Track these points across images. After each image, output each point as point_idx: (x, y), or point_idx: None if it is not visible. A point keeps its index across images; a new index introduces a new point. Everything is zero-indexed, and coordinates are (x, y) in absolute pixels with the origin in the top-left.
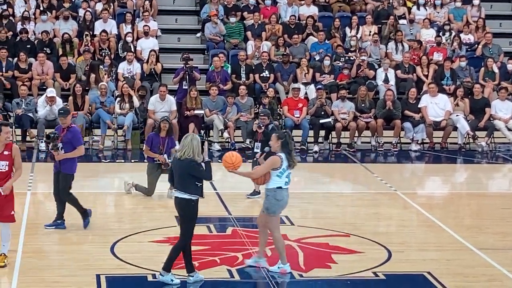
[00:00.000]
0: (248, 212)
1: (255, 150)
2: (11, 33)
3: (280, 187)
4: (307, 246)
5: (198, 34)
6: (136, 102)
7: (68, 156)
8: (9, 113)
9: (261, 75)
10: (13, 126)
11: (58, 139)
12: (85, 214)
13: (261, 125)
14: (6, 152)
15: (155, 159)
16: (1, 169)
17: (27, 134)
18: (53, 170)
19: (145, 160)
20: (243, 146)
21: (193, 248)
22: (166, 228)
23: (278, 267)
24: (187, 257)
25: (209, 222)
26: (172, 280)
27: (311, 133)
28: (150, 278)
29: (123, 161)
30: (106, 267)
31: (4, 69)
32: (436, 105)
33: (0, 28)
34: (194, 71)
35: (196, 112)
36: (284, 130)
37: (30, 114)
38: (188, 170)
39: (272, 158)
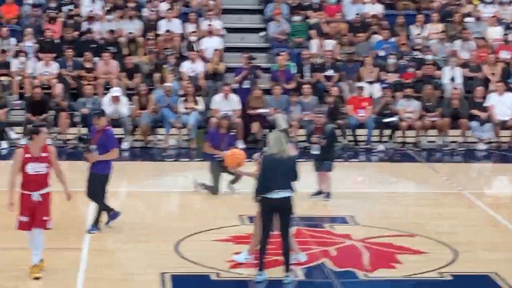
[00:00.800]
0: (311, 212)
1: (313, 152)
2: (77, 32)
3: None
4: (372, 246)
5: (262, 33)
6: (202, 102)
7: (101, 158)
8: (75, 112)
9: (325, 73)
10: (81, 125)
11: (91, 141)
12: (97, 222)
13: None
14: (44, 154)
15: (214, 156)
16: (41, 172)
17: None
18: (88, 170)
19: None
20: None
21: (257, 247)
22: (230, 227)
23: (245, 258)
24: (263, 254)
25: None
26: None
27: (375, 132)
28: (213, 277)
29: (187, 160)
30: (170, 265)
31: (70, 68)
32: (503, 104)
33: (67, 27)
34: (257, 70)
35: (260, 111)
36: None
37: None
38: (295, 168)
39: None
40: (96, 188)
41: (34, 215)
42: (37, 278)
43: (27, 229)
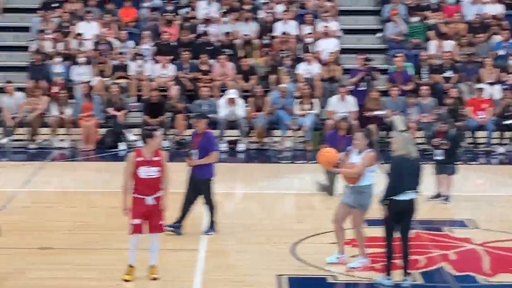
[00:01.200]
0: (430, 215)
1: (436, 156)
2: (193, 35)
3: (372, 183)
4: (492, 250)
5: (379, 34)
6: (317, 104)
7: (201, 162)
8: (191, 114)
9: (444, 75)
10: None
11: (190, 145)
12: (213, 224)
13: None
14: (156, 158)
15: None
16: (153, 176)
17: None
18: (189, 174)
19: None
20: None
21: (375, 250)
22: (348, 229)
23: (360, 262)
24: (391, 258)
25: None
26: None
27: (496, 134)
28: (330, 280)
29: (303, 162)
30: (286, 267)
31: (186, 70)
32: None
33: (183, 30)
34: (373, 72)
35: (377, 112)
36: (367, 128)
37: (211, 115)
38: (421, 169)
39: (371, 154)
40: (209, 192)
41: (148, 219)
42: (155, 279)
43: (139, 232)
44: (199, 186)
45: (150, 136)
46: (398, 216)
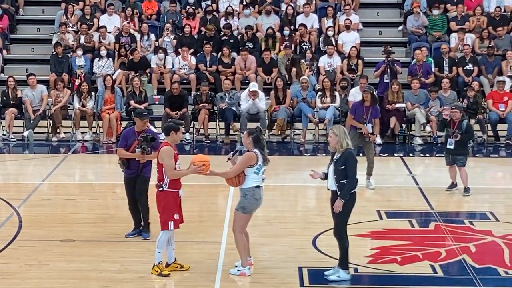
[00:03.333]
0: (451, 208)
1: (448, 146)
2: (215, 28)
3: (258, 186)
4: None
5: (400, 27)
6: (338, 97)
7: (153, 158)
8: (213, 106)
9: (465, 68)
10: (217, 120)
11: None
12: (146, 226)
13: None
14: (176, 151)
15: (358, 128)
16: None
17: (231, 127)
18: (126, 175)
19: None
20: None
21: (395, 242)
22: (368, 222)
23: (238, 270)
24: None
25: (411, 217)
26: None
27: None
28: (351, 272)
29: (324, 155)
30: (307, 259)
31: (208, 63)
32: None
33: (205, 23)
34: (395, 65)
35: (398, 105)
36: (256, 126)
37: (233, 108)
38: None
39: (247, 154)
40: (146, 191)
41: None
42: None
43: (178, 227)
44: (140, 185)
45: (177, 130)
46: None
